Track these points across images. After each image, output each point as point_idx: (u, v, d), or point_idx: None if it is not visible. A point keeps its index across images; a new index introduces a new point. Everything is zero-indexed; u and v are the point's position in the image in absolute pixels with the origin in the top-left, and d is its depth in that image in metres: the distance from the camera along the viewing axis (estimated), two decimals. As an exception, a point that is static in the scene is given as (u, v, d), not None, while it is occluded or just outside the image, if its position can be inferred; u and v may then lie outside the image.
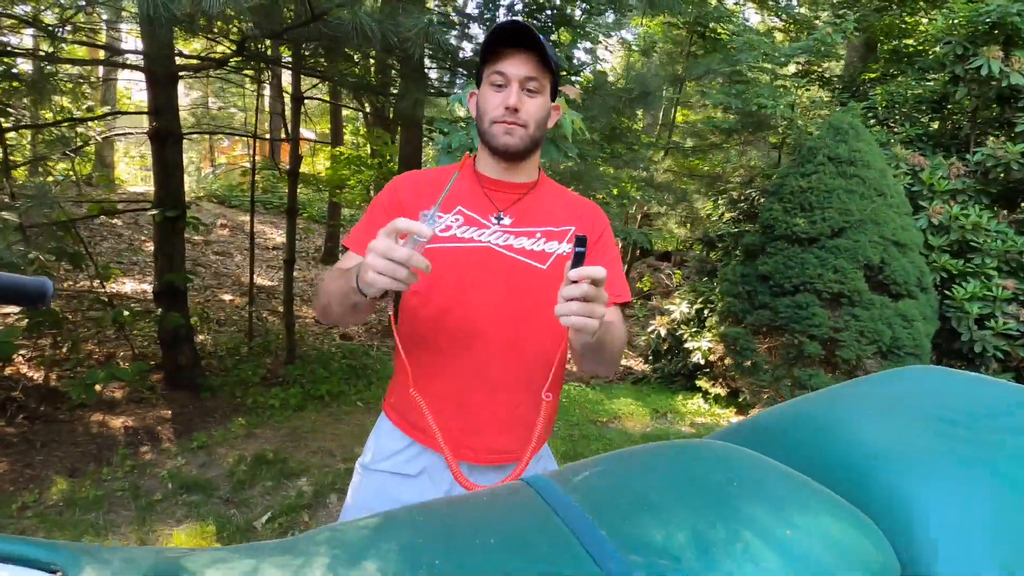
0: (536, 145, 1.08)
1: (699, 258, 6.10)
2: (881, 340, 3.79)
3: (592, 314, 0.76)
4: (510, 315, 1.05)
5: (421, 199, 1.07)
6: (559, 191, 1.18)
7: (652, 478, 0.63)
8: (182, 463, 2.87)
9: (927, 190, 4.30)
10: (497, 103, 1.02)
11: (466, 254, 1.05)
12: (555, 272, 1.06)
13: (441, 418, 1.08)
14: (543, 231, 1.08)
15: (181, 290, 3.49)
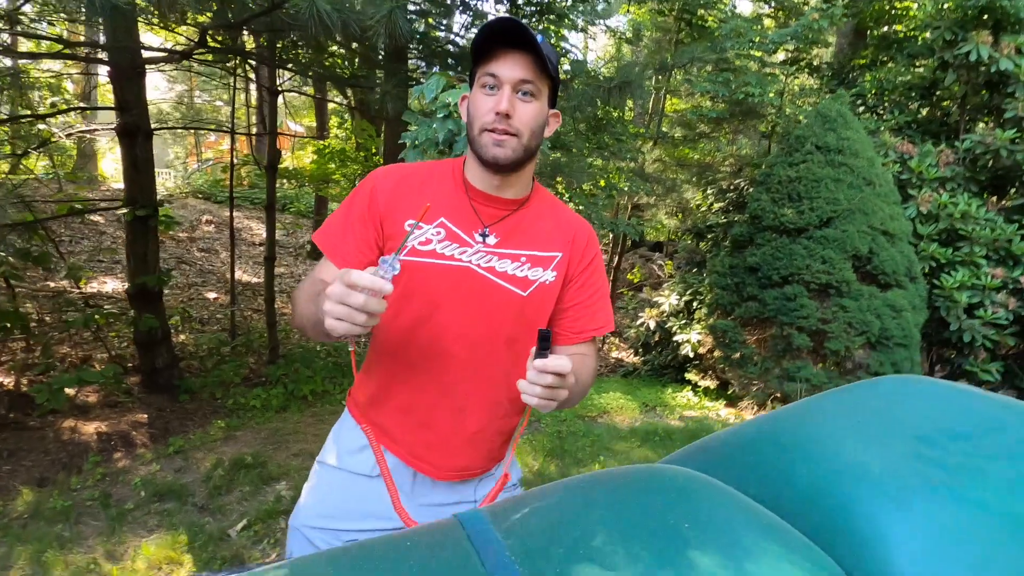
0: (530, 156, 0.98)
1: (688, 249, 6.05)
2: (870, 331, 3.76)
3: (554, 398, 0.80)
4: (482, 339, 1.00)
5: (402, 206, 0.99)
6: (552, 208, 1.08)
7: (595, 516, 0.57)
8: (156, 469, 2.79)
9: (916, 178, 4.25)
10: (487, 108, 0.92)
11: (444, 272, 0.97)
12: (535, 300, 1.01)
13: (403, 430, 1.06)
14: (528, 255, 1.01)
15: (155, 291, 3.40)
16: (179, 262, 7.31)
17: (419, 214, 0.91)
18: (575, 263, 1.04)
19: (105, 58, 2.85)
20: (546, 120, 0.98)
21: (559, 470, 3.29)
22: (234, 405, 3.67)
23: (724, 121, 6.04)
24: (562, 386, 0.78)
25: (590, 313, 1.05)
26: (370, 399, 1.08)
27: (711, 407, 4.64)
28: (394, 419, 1.06)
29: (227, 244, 7.78)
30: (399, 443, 1.06)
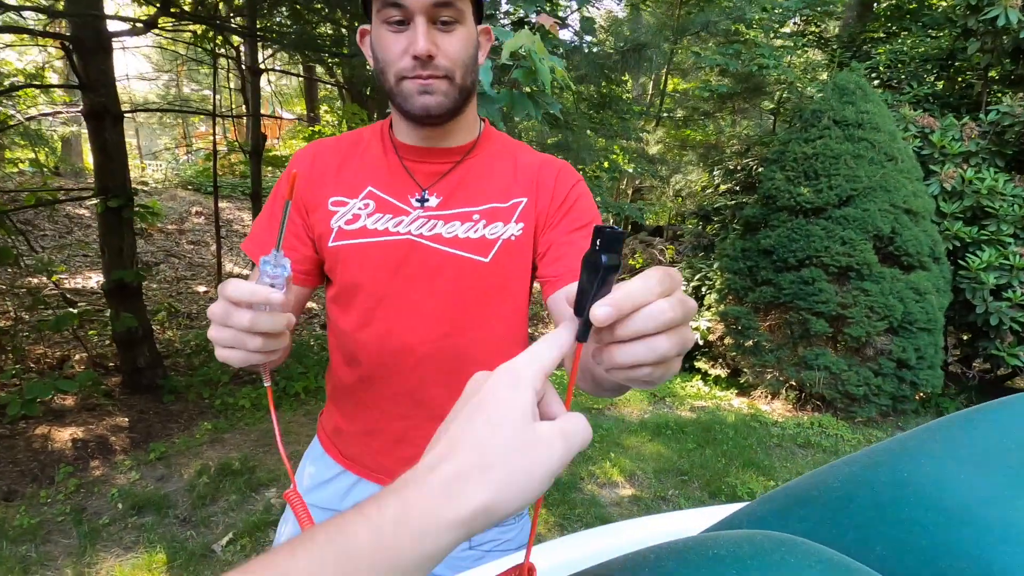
0: (468, 97, 0.78)
1: (695, 232, 5.83)
2: (892, 315, 3.56)
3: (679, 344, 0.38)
4: (446, 325, 0.80)
5: (324, 186, 0.80)
6: (508, 150, 0.86)
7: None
8: (136, 478, 2.60)
9: (938, 153, 4.03)
10: (400, 51, 0.71)
11: (379, 251, 0.78)
12: (502, 263, 0.79)
13: (377, 455, 0.87)
14: (483, 210, 0.80)
15: (134, 287, 3.18)
16: (167, 255, 7.09)
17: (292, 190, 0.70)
18: (545, 204, 0.82)
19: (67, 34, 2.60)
20: (477, 43, 0.77)
21: (568, 468, 3.10)
22: (222, 405, 3.46)
23: (728, 99, 5.79)
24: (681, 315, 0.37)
25: (577, 249, 0.79)
26: (334, 422, 0.91)
27: (722, 397, 4.46)
28: (363, 444, 0.87)
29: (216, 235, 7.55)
30: (375, 471, 0.88)
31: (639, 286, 0.36)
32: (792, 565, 0.43)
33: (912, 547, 0.46)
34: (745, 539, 0.47)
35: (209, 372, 3.77)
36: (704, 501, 2.86)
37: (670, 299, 0.36)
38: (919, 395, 4.00)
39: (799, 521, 0.54)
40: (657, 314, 0.35)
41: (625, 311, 0.35)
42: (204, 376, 3.74)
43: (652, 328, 0.36)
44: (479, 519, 0.30)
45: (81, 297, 4.94)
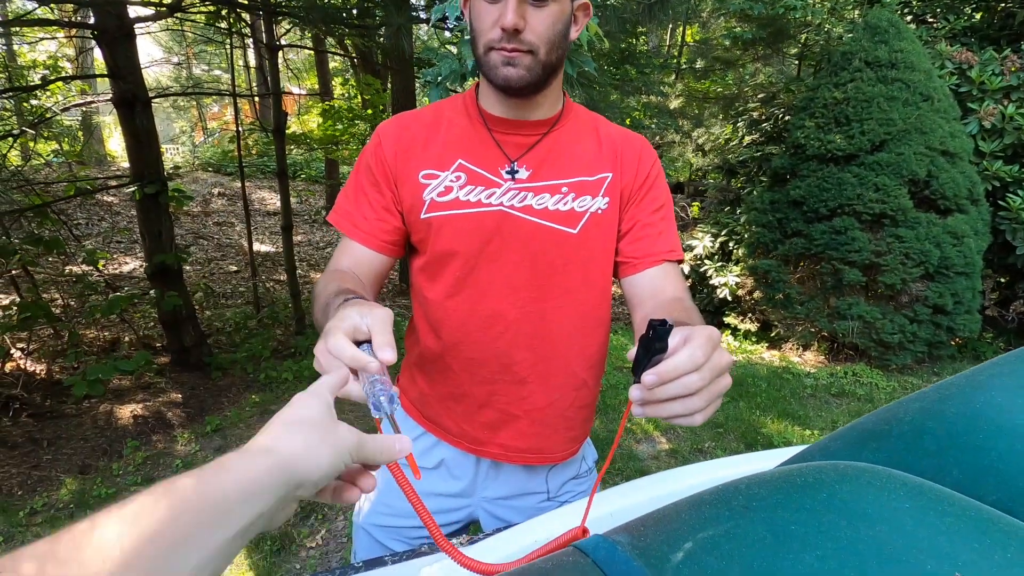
0: (553, 72, 0.78)
1: (719, 187, 5.73)
2: (928, 261, 3.50)
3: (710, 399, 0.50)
4: (535, 294, 0.83)
5: (414, 158, 0.83)
6: (591, 124, 0.88)
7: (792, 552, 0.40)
8: (196, 449, 2.74)
9: (977, 90, 3.87)
10: (491, 22, 0.73)
11: (474, 222, 0.80)
12: (590, 235, 0.82)
13: (458, 418, 0.92)
14: (571, 183, 0.82)
15: (175, 269, 3.28)
16: (196, 237, 7.24)
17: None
18: (629, 180, 0.85)
19: (91, 22, 2.63)
20: (570, 19, 0.77)
21: (602, 425, 3.17)
22: (266, 379, 3.60)
23: (751, 46, 5.59)
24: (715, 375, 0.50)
25: (656, 233, 0.84)
26: (417, 388, 0.95)
27: (753, 350, 4.47)
28: (446, 408, 0.92)
29: (242, 216, 7.67)
30: (454, 433, 0.93)
31: (684, 360, 0.48)
32: (877, 487, 0.46)
33: (987, 470, 0.49)
34: (829, 468, 0.51)
35: (252, 348, 3.91)
36: (741, 451, 2.92)
37: (701, 372, 0.48)
38: (955, 340, 3.96)
39: (872, 453, 0.58)
40: (688, 384, 0.48)
41: (667, 379, 0.48)
42: (247, 352, 3.88)
43: (683, 392, 0.48)
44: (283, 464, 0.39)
45: (121, 282, 5.12)
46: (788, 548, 0.41)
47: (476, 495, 0.95)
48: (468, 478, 0.94)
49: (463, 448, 0.92)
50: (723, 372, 0.51)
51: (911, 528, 0.41)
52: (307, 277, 6.08)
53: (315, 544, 2.12)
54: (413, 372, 0.95)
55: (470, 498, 0.95)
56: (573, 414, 0.92)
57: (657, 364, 0.48)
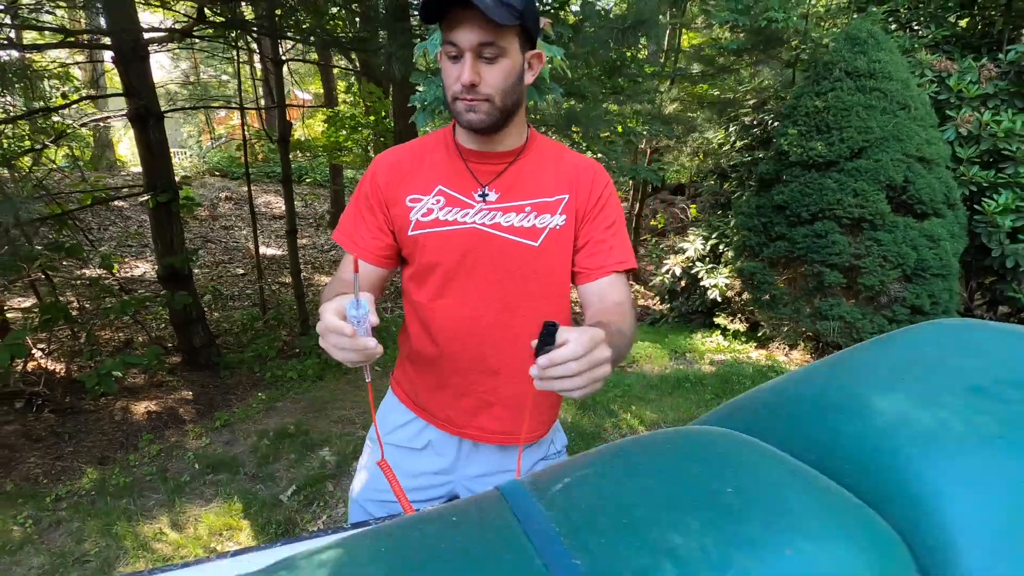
0: (509, 114, 0.94)
1: (712, 191, 5.87)
2: (906, 263, 3.63)
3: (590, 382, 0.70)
4: (503, 298, 0.99)
5: (402, 186, 1.00)
6: (553, 153, 1.04)
7: (638, 484, 0.56)
8: (207, 443, 2.93)
9: (955, 97, 4.00)
10: (454, 77, 0.89)
11: (450, 238, 0.97)
12: (549, 247, 0.99)
13: (442, 404, 1.08)
14: (533, 204, 0.98)
15: (184, 273, 3.47)
16: (204, 241, 7.44)
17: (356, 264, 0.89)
18: (583, 201, 1.00)
19: (108, 43, 2.82)
20: (522, 69, 0.93)
21: (591, 421, 3.33)
22: (272, 378, 3.79)
23: (745, 52, 5.73)
24: (598, 362, 0.69)
25: (607, 247, 1.01)
26: (409, 378, 1.12)
27: (741, 350, 4.61)
28: (433, 396, 1.08)
29: (248, 220, 7.87)
30: (440, 418, 1.09)
31: (567, 352, 0.67)
32: (714, 440, 0.63)
33: (820, 441, 0.64)
34: (685, 429, 0.68)
35: (258, 348, 4.09)
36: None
37: (579, 361, 0.67)
38: (936, 340, 4.08)
39: (737, 423, 0.73)
40: (568, 369, 0.67)
41: (554, 364, 0.67)
42: (254, 352, 4.06)
43: (566, 374, 0.68)
44: None
45: (133, 285, 5.32)
46: (633, 477, 0.57)
47: (457, 472, 1.11)
48: (451, 457, 1.10)
49: (447, 430, 1.08)
50: (600, 363, 0.69)
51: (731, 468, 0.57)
52: (311, 279, 6.27)
53: (317, 527, 2.29)
54: (405, 365, 1.12)
55: (452, 475, 1.11)
56: (540, 401, 1.08)
57: (549, 352, 0.66)
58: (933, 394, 0.60)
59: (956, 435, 0.54)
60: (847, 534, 0.48)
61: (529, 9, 0.89)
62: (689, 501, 0.52)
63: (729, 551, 0.46)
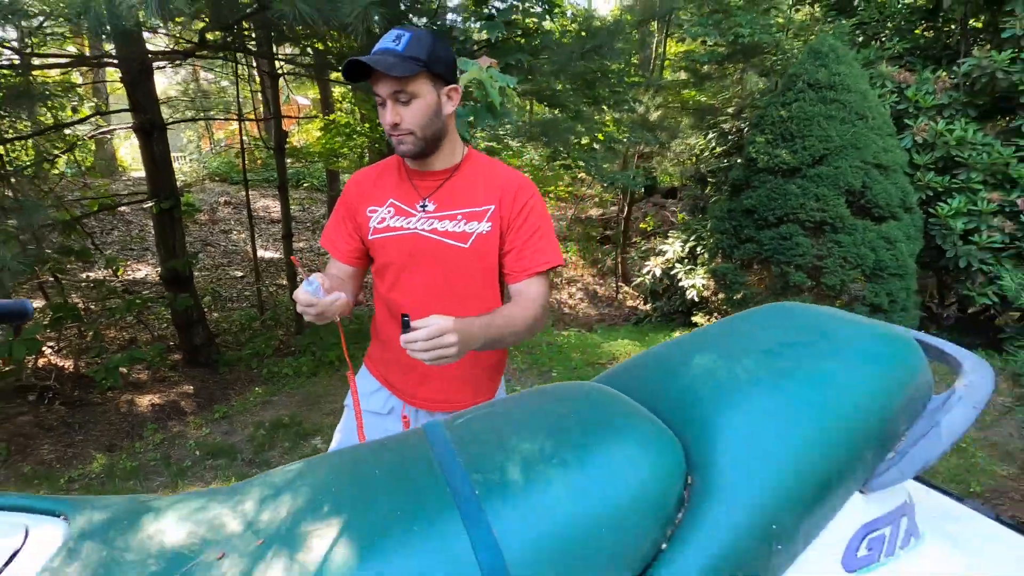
0: (434, 141, 1.17)
1: (692, 195, 6.11)
2: (865, 264, 3.86)
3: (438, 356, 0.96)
4: (439, 291, 1.22)
5: (364, 199, 1.26)
6: (485, 169, 1.25)
7: (514, 417, 0.79)
8: (207, 432, 3.15)
9: (912, 107, 4.24)
10: (383, 119, 1.12)
11: (397, 241, 1.21)
12: (477, 249, 1.21)
13: (399, 377, 1.33)
14: (464, 213, 1.20)
15: (185, 275, 3.70)
16: (204, 245, 7.66)
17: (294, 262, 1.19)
18: (507, 210, 1.20)
19: (115, 63, 3.05)
20: (438, 104, 1.14)
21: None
22: (268, 374, 4.01)
23: (726, 61, 5.97)
24: (442, 345, 0.95)
25: (531, 251, 1.20)
26: (376, 355, 1.36)
27: (717, 347, 4.83)
28: (391, 369, 1.32)
29: (247, 224, 8.10)
30: (398, 389, 1.32)
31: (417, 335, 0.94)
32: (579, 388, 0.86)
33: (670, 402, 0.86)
34: (567, 383, 0.90)
35: (256, 347, 4.32)
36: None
37: (423, 342, 0.94)
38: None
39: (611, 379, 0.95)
40: (416, 347, 0.94)
41: (409, 342, 0.93)
42: (251, 351, 4.29)
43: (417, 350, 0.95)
44: None
45: (135, 287, 5.55)
46: (512, 412, 0.80)
47: None
48: (411, 423, 1.33)
49: (404, 400, 1.31)
50: (443, 345, 0.95)
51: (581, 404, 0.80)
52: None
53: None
54: (374, 343, 1.36)
55: None
56: (477, 375, 1.30)
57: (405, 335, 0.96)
58: (736, 354, 0.83)
59: (737, 381, 0.77)
60: (642, 440, 0.71)
61: (434, 56, 1.10)
62: (544, 425, 0.75)
63: (559, 449, 0.69)
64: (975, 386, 0.79)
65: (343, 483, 0.73)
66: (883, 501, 0.77)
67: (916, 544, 0.81)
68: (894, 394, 0.77)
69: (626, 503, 0.65)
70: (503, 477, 0.66)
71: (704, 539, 0.65)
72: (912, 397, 0.79)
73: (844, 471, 0.72)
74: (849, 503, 0.74)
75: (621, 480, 0.66)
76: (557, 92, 4.08)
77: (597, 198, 10.32)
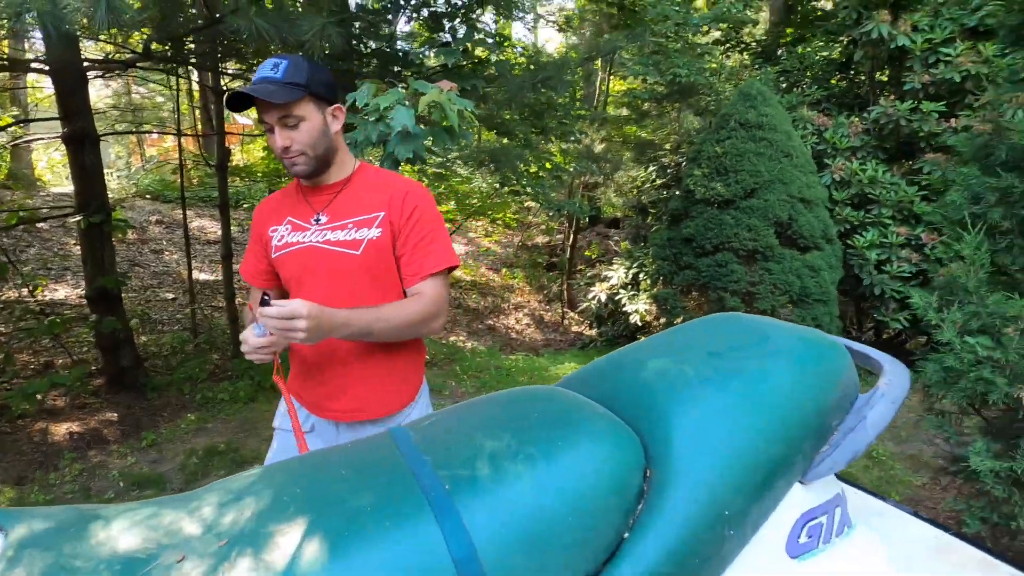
0: (326, 158, 1.22)
1: (634, 224, 6.37)
2: (792, 290, 4.14)
3: (285, 336, 1.06)
4: (339, 300, 1.21)
5: (267, 223, 1.31)
6: (377, 179, 1.28)
7: (478, 418, 0.81)
8: (132, 462, 2.93)
9: (830, 148, 4.64)
10: (274, 144, 1.17)
11: (296, 255, 1.25)
12: (369, 255, 1.23)
13: (309, 392, 1.31)
14: (354, 221, 1.24)
15: (115, 293, 3.48)
16: (132, 265, 7.23)
17: None
18: (397, 216, 1.23)
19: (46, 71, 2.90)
20: (324, 123, 1.20)
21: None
22: (203, 399, 3.80)
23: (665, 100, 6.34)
24: (291, 328, 1.03)
25: (423, 255, 1.24)
26: (293, 373, 1.35)
27: (659, 370, 4.99)
28: (302, 384, 1.31)
29: (180, 244, 7.71)
30: (310, 404, 1.30)
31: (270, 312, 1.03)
32: (539, 391, 0.89)
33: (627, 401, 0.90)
34: (527, 387, 0.93)
35: (188, 371, 4.09)
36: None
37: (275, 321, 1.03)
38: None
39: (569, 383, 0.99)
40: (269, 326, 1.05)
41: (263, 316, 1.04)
42: (184, 374, 4.05)
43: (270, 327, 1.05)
44: None
45: (55, 308, 5.14)
46: (476, 413, 0.82)
47: None
48: (331, 437, 1.31)
49: (320, 415, 1.30)
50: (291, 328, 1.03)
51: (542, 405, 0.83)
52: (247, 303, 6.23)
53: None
54: (292, 364, 1.35)
55: None
56: (382, 382, 1.28)
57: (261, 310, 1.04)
58: (687, 357, 0.89)
59: (687, 379, 0.83)
60: (603, 436, 0.74)
61: (314, 80, 1.17)
62: (509, 424, 0.78)
63: (525, 445, 0.71)
64: (894, 384, 0.88)
65: (308, 485, 0.72)
66: (820, 491, 0.84)
67: (849, 533, 0.88)
68: (827, 392, 0.85)
69: (590, 494, 0.68)
70: (472, 473, 0.68)
71: (663, 527, 0.69)
72: (842, 395, 0.87)
73: (786, 461, 0.78)
74: (791, 493, 0.80)
75: (585, 473, 0.69)
76: (507, 120, 4.21)
77: (544, 226, 10.55)
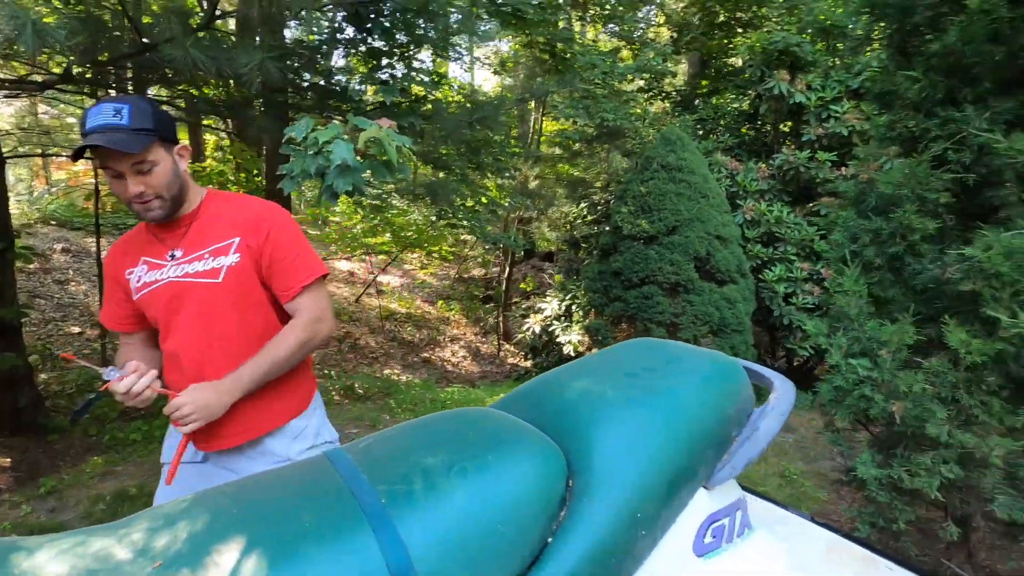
0: (179, 198, 1.21)
1: (567, 258, 6.61)
2: (712, 321, 4.43)
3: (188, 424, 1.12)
4: (203, 330, 1.22)
5: (122, 265, 1.27)
6: (226, 205, 1.27)
7: (414, 438, 0.86)
8: (27, 512, 2.67)
9: (742, 191, 5.07)
10: (123, 195, 1.15)
11: (158, 293, 1.23)
12: (231, 281, 1.22)
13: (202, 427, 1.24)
14: (210, 251, 1.22)
15: (14, 326, 3.21)
16: (31, 296, 6.65)
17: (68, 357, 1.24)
18: (254, 240, 1.23)
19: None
20: (174, 163, 1.20)
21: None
22: (112, 440, 3.52)
23: (595, 141, 6.71)
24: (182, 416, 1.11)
25: (291, 271, 1.24)
26: None
27: (592, 399, 5.14)
28: None
29: (88, 274, 7.19)
30: (195, 437, 1.24)
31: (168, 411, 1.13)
32: (476, 413, 0.94)
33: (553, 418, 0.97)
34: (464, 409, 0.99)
35: (97, 410, 3.79)
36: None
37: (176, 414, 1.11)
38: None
39: (502, 404, 1.06)
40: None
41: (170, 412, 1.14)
42: (91, 414, 3.75)
43: None
44: None
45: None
46: (413, 434, 0.87)
47: (242, 472, 1.25)
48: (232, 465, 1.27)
49: (204, 448, 1.26)
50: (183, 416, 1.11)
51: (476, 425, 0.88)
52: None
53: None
54: None
55: (240, 475, 1.23)
56: (257, 404, 1.25)
57: None
58: (605, 378, 0.98)
59: (606, 399, 0.91)
60: (530, 450, 0.81)
61: (160, 121, 1.16)
62: (443, 441, 0.83)
63: (458, 460, 0.77)
64: (782, 398, 1.00)
65: (244, 506, 0.74)
66: (723, 496, 0.94)
67: (749, 534, 0.98)
68: (727, 406, 0.96)
69: (517, 503, 0.74)
70: (408, 487, 0.72)
71: (583, 530, 0.76)
72: (740, 408, 0.98)
73: (691, 468, 0.87)
74: (696, 497, 0.89)
75: (513, 484, 0.76)
76: (444, 155, 4.31)
77: (480, 259, 10.67)
